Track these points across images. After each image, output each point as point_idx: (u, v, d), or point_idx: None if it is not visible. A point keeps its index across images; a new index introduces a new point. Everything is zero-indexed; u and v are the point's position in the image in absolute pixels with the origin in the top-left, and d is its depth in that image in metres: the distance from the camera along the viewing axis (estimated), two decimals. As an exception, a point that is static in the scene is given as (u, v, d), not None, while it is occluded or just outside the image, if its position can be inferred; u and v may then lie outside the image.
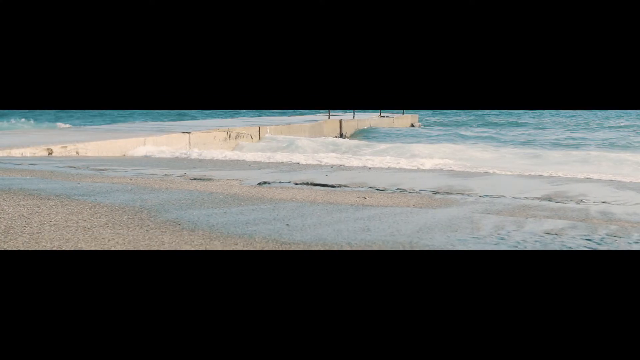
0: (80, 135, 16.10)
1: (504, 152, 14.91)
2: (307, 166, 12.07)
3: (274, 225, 4.95)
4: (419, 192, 7.56)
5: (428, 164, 11.55)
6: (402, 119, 30.03)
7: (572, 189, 8.29)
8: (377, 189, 7.76)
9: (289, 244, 4.27)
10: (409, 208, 6.13)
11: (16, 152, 13.17)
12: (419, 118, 34.96)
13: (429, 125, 32.68)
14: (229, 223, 5.00)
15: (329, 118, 22.70)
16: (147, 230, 4.58)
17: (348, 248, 4.18)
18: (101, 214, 5.20)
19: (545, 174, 10.58)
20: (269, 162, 13.48)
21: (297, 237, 4.52)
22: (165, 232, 4.56)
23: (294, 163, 13.14)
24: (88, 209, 5.41)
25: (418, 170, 10.93)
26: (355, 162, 13.05)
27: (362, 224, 5.15)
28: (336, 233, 4.70)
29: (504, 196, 7.28)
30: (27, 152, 13.53)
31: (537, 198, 7.16)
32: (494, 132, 25.99)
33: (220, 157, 14.54)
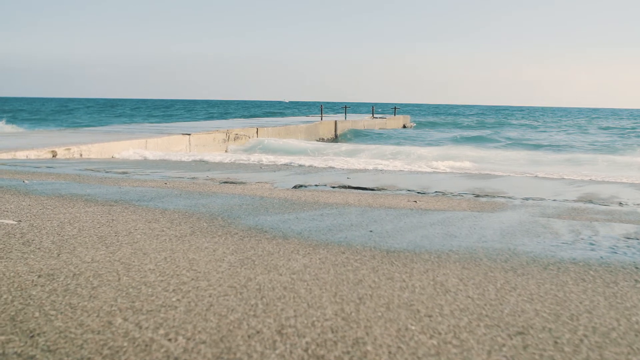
0: (80, 137, 15.54)
1: (506, 154, 14.98)
2: (318, 169, 11.86)
3: (358, 232, 4.76)
4: (460, 194, 7.45)
5: (441, 166, 11.47)
6: (394, 120, 29.87)
7: (599, 191, 8.31)
8: (417, 192, 7.63)
9: (396, 252, 4.09)
10: (468, 212, 6.01)
11: (21, 155, 12.63)
12: (410, 119, 34.87)
13: (421, 126, 32.53)
14: (314, 230, 4.79)
15: (321, 119, 22.52)
16: (240, 239, 4.34)
17: (456, 257, 4.02)
18: (179, 221, 4.93)
19: (557, 176, 10.61)
20: (278, 165, 13.25)
21: (394, 244, 4.34)
22: (260, 240, 4.33)
23: (302, 165, 12.92)
24: (160, 216, 5.13)
25: (435, 172, 10.85)
26: (363, 164, 12.90)
27: (441, 229, 5.00)
28: (427, 240, 4.54)
29: (543, 199, 7.23)
30: (32, 154, 12.99)
31: (579, 201, 7.13)
32: (489, 132, 26.04)
33: (225, 160, 14.23)
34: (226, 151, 18.07)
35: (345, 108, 29.12)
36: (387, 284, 3.29)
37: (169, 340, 2.38)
